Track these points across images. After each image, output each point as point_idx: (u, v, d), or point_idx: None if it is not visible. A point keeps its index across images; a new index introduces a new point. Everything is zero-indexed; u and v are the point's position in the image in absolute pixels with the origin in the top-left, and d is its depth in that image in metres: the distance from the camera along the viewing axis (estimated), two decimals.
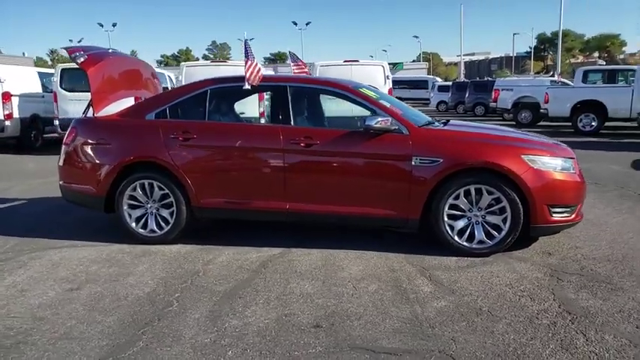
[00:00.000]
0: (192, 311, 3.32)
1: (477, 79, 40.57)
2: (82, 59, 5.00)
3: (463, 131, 4.71)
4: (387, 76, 11.52)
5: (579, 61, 75.16)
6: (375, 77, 11.42)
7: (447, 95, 27.36)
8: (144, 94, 5.83)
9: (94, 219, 5.66)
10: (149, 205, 4.72)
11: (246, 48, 4.67)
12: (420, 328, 3.01)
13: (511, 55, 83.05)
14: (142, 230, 4.73)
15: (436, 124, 4.74)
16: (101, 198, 4.78)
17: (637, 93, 13.26)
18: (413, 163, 4.17)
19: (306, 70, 7.74)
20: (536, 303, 3.33)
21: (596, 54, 76.65)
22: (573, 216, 4.23)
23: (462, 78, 44.64)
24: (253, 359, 2.73)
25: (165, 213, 4.68)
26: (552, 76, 25.79)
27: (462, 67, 51.16)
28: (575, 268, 3.94)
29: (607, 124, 14.19)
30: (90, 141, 4.83)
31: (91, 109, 5.08)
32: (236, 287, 3.70)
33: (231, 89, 4.88)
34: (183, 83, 11.35)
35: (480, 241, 4.19)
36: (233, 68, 11.81)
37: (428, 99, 30.61)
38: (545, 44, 78.37)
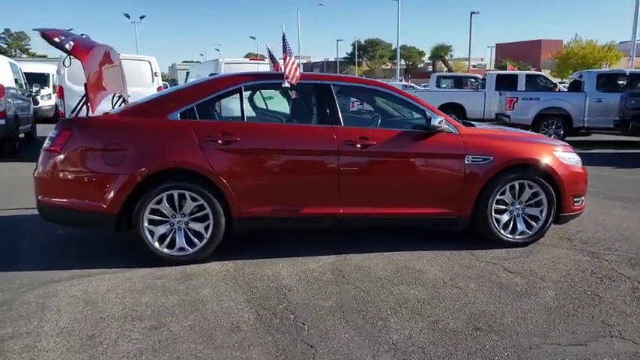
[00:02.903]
0: (334, 331, 2.99)
1: None
2: (68, 45, 4.08)
3: (503, 131, 5.02)
4: None
5: (388, 67, 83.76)
6: None
7: None
8: (123, 91, 4.99)
9: (63, 240, 4.70)
10: (177, 220, 4.06)
11: (284, 43, 4.29)
12: (566, 317, 3.18)
13: (330, 60, 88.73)
14: (168, 250, 4.05)
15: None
16: (111, 215, 3.95)
17: (488, 97, 15.38)
18: (466, 161, 4.32)
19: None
20: (619, 282, 3.74)
21: (402, 61, 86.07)
22: (584, 204, 4.82)
23: None
24: None
25: (197, 227, 4.07)
26: (401, 80, 28.32)
27: (301, 70, 52.89)
28: (603, 248, 4.51)
29: None
30: (95, 146, 3.95)
31: (83, 107, 4.16)
32: (341, 301, 3.42)
33: (268, 87, 4.45)
34: (66, 80, 9.89)
35: (522, 232, 4.53)
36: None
37: None
38: (360, 51, 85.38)
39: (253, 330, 3.02)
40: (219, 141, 4.01)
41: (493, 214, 4.44)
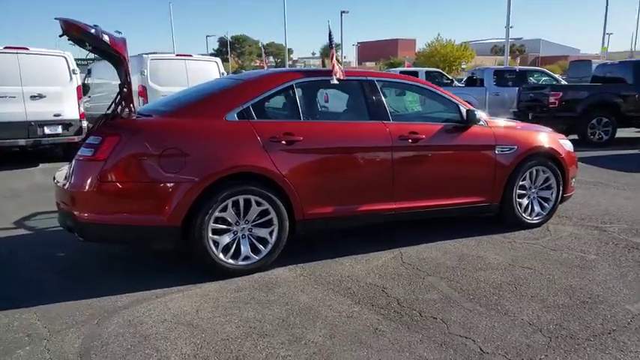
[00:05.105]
0: (470, 321, 3.07)
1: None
2: (105, 38, 3.59)
3: (516, 122, 5.40)
4: (223, 74, 11.08)
5: (257, 64, 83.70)
6: (210, 73, 10.86)
7: None
8: None
9: (82, 260, 4.16)
10: (241, 227, 3.80)
11: (330, 37, 4.19)
12: (639, 283, 3.62)
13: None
14: (232, 260, 3.78)
15: None
16: (173, 228, 3.59)
17: None
18: (496, 151, 4.64)
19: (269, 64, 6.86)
20: None
21: (271, 58, 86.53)
22: (575, 185, 5.43)
23: None
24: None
25: (262, 233, 3.86)
26: None
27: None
28: (599, 222, 5.14)
29: None
30: (150, 152, 3.52)
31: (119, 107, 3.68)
32: (442, 292, 3.50)
33: (317, 83, 4.31)
34: None
35: (538, 214, 4.98)
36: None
37: None
38: (226, 47, 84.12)
39: (396, 330, 2.98)
40: (283, 141, 3.83)
41: (517, 199, 4.83)
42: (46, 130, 9.04)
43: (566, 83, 14.03)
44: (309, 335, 2.92)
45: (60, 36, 3.89)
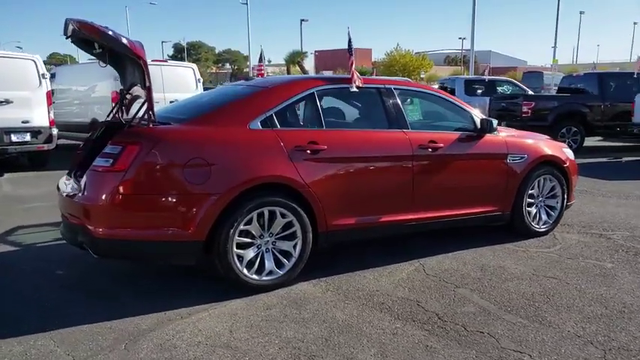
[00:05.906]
0: (518, 334, 3.00)
1: None
2: (125, 41, 3.35)
3: (524, 131, 5.42)
4: (199, 79, 10.77)
5: (214, 71, 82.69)
6: (185, 79, 10.58)
7: None
8: None
9: (81, 278, 3.86)
10: (265, 240, 3.62)
11: (349, 43, 4.08)
12: None
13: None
14: (256, 276, 3.59)
15: None
16: (197, 243, 3.37)
17: None
18: (508, 160, 4.65)
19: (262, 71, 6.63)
20: None
21: (228, 65, 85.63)
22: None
23: None
24: None
25: (285, 246, 3.68)
26: None
27: None
28: (601, 230, 5.22)
29: None
30: (174, 162, 3.30)
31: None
32: (479, 304, 3.43)
33: (337, 91, 4.17)
34: None
35: (545, 222, 5.02)
36: None
37: None
38: (181, 53, 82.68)
39: (447, 346, 2.87)
40: (308, 151, 3.68)
41: (526, 207, 4.84)
42: (13, 138, 8.50)
43: (532, 93, 14.45)
44: (359, 355, 2.78)
45: (66, 38, 3.64)
